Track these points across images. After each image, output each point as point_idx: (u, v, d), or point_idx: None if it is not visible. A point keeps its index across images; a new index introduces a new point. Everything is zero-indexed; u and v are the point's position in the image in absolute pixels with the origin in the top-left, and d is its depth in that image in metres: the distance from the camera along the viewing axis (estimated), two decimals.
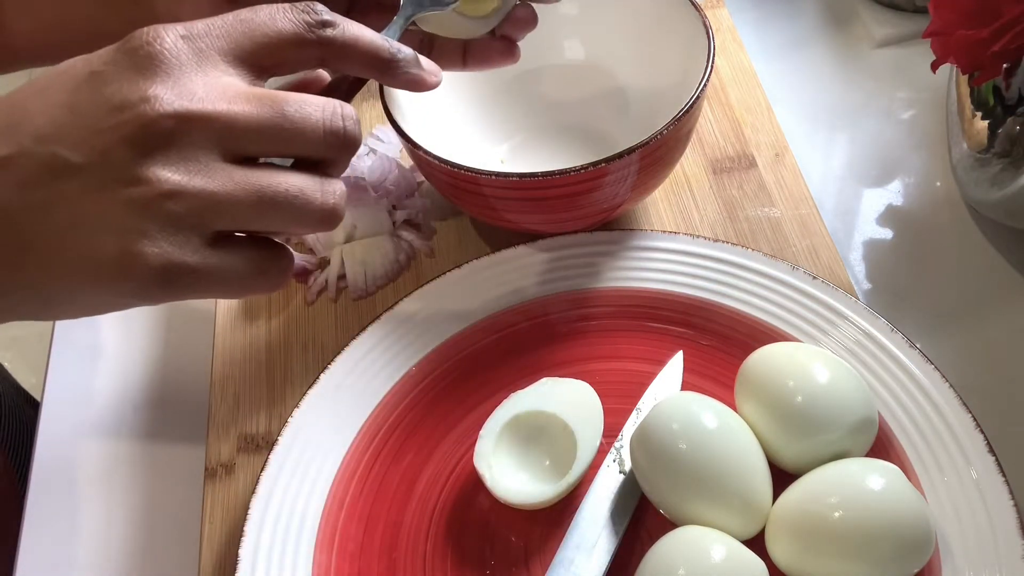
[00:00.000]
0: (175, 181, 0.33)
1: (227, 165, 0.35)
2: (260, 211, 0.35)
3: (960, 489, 0.45)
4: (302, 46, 0.37)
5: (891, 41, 0.71)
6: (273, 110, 0.35)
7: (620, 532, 0.47)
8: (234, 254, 0.36)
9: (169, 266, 0.34)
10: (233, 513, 0.52)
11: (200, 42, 0.35)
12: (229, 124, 0.34)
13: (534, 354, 0.54)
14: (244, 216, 0.35)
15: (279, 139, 0.35)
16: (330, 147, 0.37)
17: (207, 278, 0.35)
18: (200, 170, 0.34)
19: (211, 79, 0.35)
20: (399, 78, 0.41)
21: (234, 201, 0.35)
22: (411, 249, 0.61)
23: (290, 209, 0.36)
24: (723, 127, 0.65)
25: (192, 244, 0.34)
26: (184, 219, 0.34)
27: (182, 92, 0.34)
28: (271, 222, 0.36)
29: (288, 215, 0.36)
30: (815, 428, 0.45)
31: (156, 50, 0.34)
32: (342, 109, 0.37)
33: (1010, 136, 0.55)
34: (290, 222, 0.36)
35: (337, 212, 0.37)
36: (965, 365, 0.54)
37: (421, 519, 0.50)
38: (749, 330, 0.53)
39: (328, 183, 0.37)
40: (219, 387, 0.57)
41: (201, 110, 0.34)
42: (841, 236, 0.61)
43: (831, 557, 0.42)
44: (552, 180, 0.50)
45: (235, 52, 0.36)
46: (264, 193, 0.35)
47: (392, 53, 0.40)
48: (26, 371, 0.90)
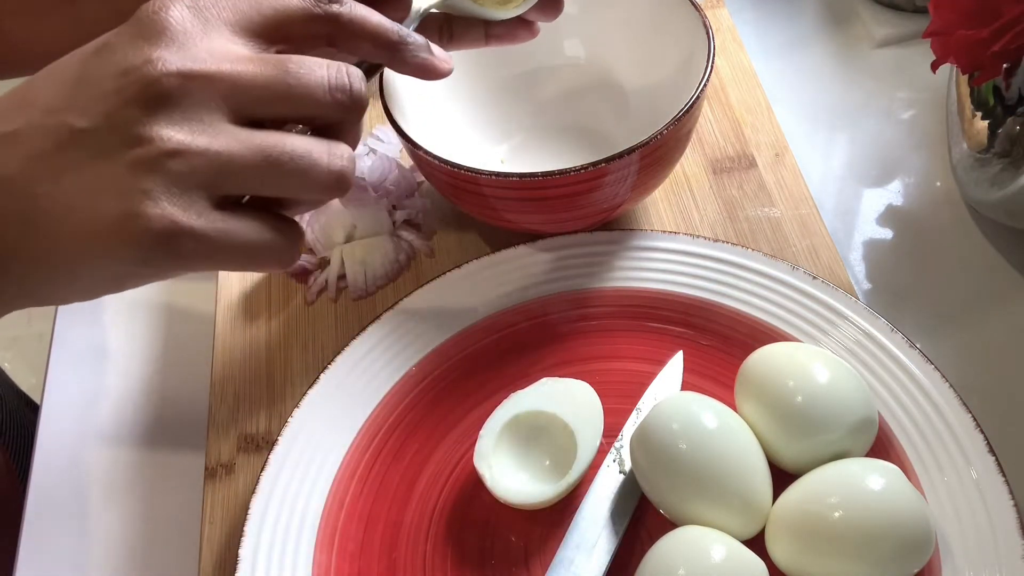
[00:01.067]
0: (178, 140, 0.33)
1: (232, 126, 0.35)
2: (266, 173, 0.35)
3: (960, 489, 0.45)
4: (309, 21, 0.37)
5: (891, 41, 0.71)
6: (277, 69, 0.35)
7: (620, 532, 0.47)
8: (242, 221, 0.35)
9: (173, 228, 0.33)
10: (233, 513, 0.52)
11: (206, 12, 0.35)
12: (233, 83, 0.34)
13: (534, 354, 0.54)
14: (250, 178, 0.35)
15: (285, 98, 0.35)
16: (338, 105, 0.36)
17: (213, 244, 0.34)
18: (204, 130, 0.34)
19: (216, 45, 0.35)
20: (408, 63, 0.41)
21: (239, 161, 0.34)
22: (411, 249, 0.61)
23: (296, 172, 0.35)
24: (723, 127, 0.65)
25: (197, 206, 0.34)
26: (188, 178, 0.33)
27: (186, 55, 0.34)
28: (278, 185, 0.36)
29: (295, 178, 0.36)
30: (815, 428, 0.45)
31: (162, 18, 0.35)
32: (347, 68, 0.37)
33: (1010, 136, 0.55)
34: (297, 186, 0.36)
35: (345, 176, 0.37)
36: (965, 365, 0.54)
37: (421, 519, 0.50)
38: (749, 330, 0.53)
39: (336, 146, 0.37)
40: (219, 387, 0.57)
41: (204, 69, 0.34)
42: (841, 236, 0.61)
43: (831, 557, 0.42)
44: (552, 180, 0.50)
45: (241, 23, 0.36)
46: (270, 153, 0.35)
47: (401, 36, 0.40)
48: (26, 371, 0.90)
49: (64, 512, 0.55)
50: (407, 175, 0.63)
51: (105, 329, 0.62)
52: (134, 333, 0.62)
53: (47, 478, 0.56)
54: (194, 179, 0.34)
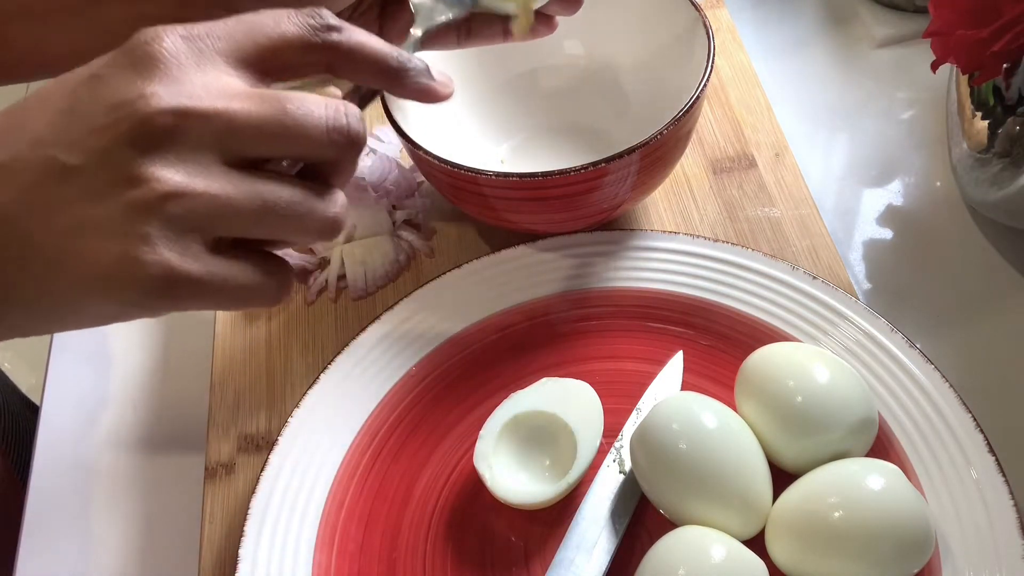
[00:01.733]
0: (175, 182, 0.32)
1: (227, 169, 0.34)
2: (262, 218, 0.34)
3: (960, 489, 0.45)
4: (307, 50, 0.36)
5: (891, 41, 0.71)
6: (274, 107, 0.34)
7: (620, 532, 0.47)
8: (235, 264, 0.35)
9: (170, 274, 0.33)
10: (233, 513, 0.52)
11: (201, 43, 0.35)
12: (228, 122, 0.33)
13: (534, 354, 0.54)
14: (246, 222, 0.34)
15: (281, 138, 0.34)
16: (334, 145, 0.36)
17: (208, 288, 0.34)
18: (200, 172, 0.33)
19: (211, 79, 0.34)
20: (408, 87, 0.40)
21: (236, 206, 0.34)
22: (411, 249, 0.61)
23: (292, 217, 0.35)
24: (723, 127, 0.65)
25: (193, 251, 0.33)
26: (185, 222, 0.33)
27: (180, 90, 0.33)
28: (272, 230, 0.35)
29: (290, 224, 0.35)
30: (815, 428, 0.45)
31: (155, 50, 0.34)
32: (345, 107, 0.36)
33: (1010, 136, 0.55)
34: (291, 231, 0.36)
35: (338, 223, 0.37)
36: (965, 365, 0.54)
37: (421, 519, 0.50)
38: (749, 330, 0.53)
39: (330, 192, 0.37)
40: (219, 387, 0.57)
41: (199, 107, 0.33)
42: (841, 236, 0.61)
43: (831, 557, 0.42)
44: (552, 180, 0.50)
45: (237, 54, 0.35)
46: (266, 200, 0.34)
47: (401, 62, 0.39)
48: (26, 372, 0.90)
49: (64, 512, 0.55)
50: (407, 175, 0.63)
51: (105, 330, 0.62)
52: (134, 333, 0.62)
53: (47, 478, 0.56)
54: (191, 222, 0.33)
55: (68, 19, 0.46)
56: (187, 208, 0.33)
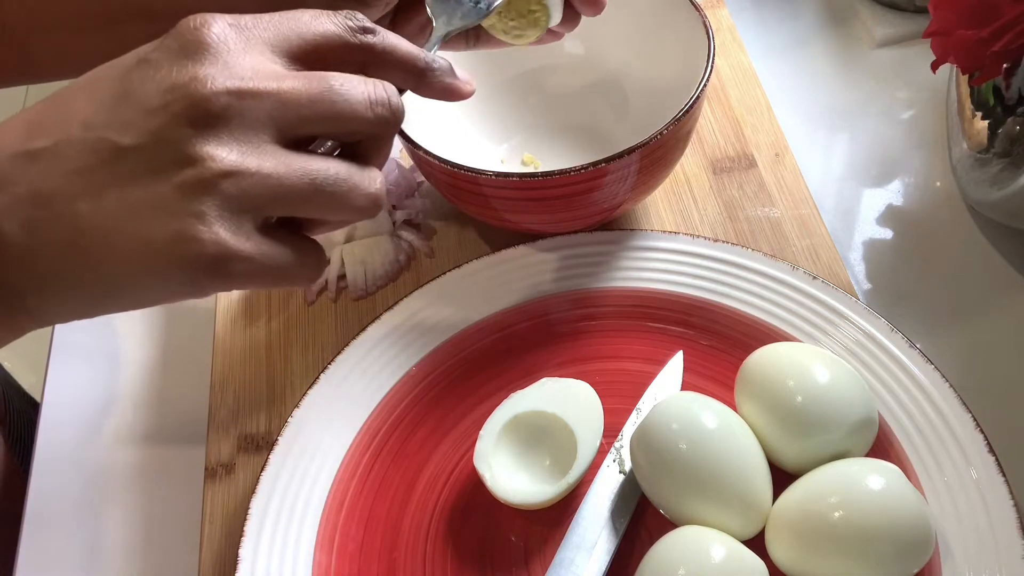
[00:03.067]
0: (231, 160, 0.33)
1: (279, 148, 0.35)
2: (311, 197, 0.35)
3: (960, 489, 0.45)
4: (344, 49, 0.38)
5: (891, 41, 0.71)
6: (321, 85, 0.35)
7: (620, 532, 0.47)
8: (279, 244, 0.35)
9: (225, 251, 0.33)
10: (233, 513, 0.52)
11: (247, 32, 0.36)
12: (280, 101, 0.34)
13: (534, 354, 0.54)
14: (296, 201, 0.35)
15: (330, 115, 0.35)
16: (378, 120, 0.37)
17: (257, 266, 0.34)
18: (253, 151, 0.34)
19: (258, 62, 0.35)
20: (434, 86, 0.41)
21: (287, 185, 0.34)
22: (411, 249, 0.61)
23: (338, 195, 0.36)
24: (723, 127, 0.65)
25: (245, 229, 0.34)
26: (239, 201, 0.33)
27: (232, 73, 0.34)
28: (320, 208, 0.36)
29: (336, 202, 0.36)
30: (815, 428, 0.45)
31: (204, 35, 0.34)
32: (384, 84, 0.37)
33: (1010, 136, 0.55)
34: (337, 209, 0.36)
35: (380, 199, 0.37)
36: (965, 365, 0.54)
37: (421, 519, 0.50)
38: (749, 330, 0.53)
39: (370, 170, 0.38)
40: (219, 387, 0.57)
41: (252, 87, 0.34)
42: (841, 236, 0.61)
43: (831, 557, 0.42)
44: (552, 180, 0.50)
45: (280, 45, 0.36)
46: (315, 178, 0.35)
47: (427, 63, 0.41)
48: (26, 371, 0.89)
49: (64, 512, 0.55)
50: (407, 175, 0.63)
51: (105, 329, 0.62)
52: (134, 333, 0.62)
53: (47, 478, 0.56)
54: (245, 201, 0.33)
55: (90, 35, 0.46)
56: (242, 187, 0.33)
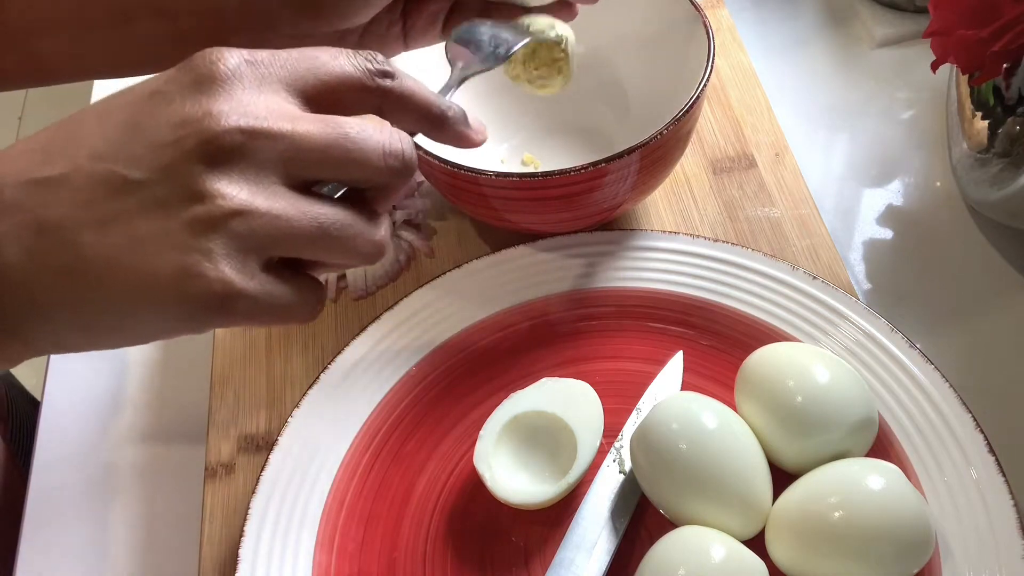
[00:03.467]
0: (241, 199, 0.33)
1: (287, 190, 0.34)
2: (316, 241, 0.35)
3: (960, 489, 0.45)
4: (362, 91, 0.37)
5: (891, 41, 0.71)
6: (336, 131, 0.35)
7: (620, 532, 0.47)
8: (282, 282, 0.35)
9: (230, 290, 0.33)
10: (233, 513, 0.52)
11: (263, 68, 0.35)
12: (293, 143, 0.34)
13: (534, 354, 0.54)
14: (301, 244, 0.35)
15: (341, 161, 0.35)
16: (389, 171, 0.36)
17: (260, 306, 0.34)
18: (262, 191, 0.33)
19: (272, 101, 0.34)
20: (447, 133, 0.41)
21: (294, 227, 0.34)
22: (411, 249, 0.61)
23: (343, 240, 0.35)
24: (723, 127, 0.65)
25: (250, 268, 0.33)
26: (247, 240, 0.33)
27: (246, 111, 0.33)
28: (323, 252, 0.36)
29: (340, 247, 0.36)
30: (815, 428, 0.45)
31: (219, 70, 0.34)
32: (399, 133, 0.37)
33: (1010, 136, 0.55)
34: (340, 254, 0.36)
35: (383, 248, 0.37)
36: (965, 365, 0.54)
37: (421, 519, 0.50)
38: (749, 330, 0.53)
39: (377, 217, 0.37)
40: (219, 387, 0.57)
41: (265, 127, 0.33)
42: (841, 236, 0.61)
43: (831, 557, 0.42)
44: (552, 180, 0.50)
45: (296, 84, 0.36)
46: (322, 223, 0.35)
47: (442, 110, 0.40)
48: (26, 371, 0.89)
49: (64, 512, 0.55)
50: None
51: None
52: None
53: (47, 478, 0.56)
54: (252, 241, 0.33)
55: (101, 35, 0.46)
56: (250, 227, 0.33)
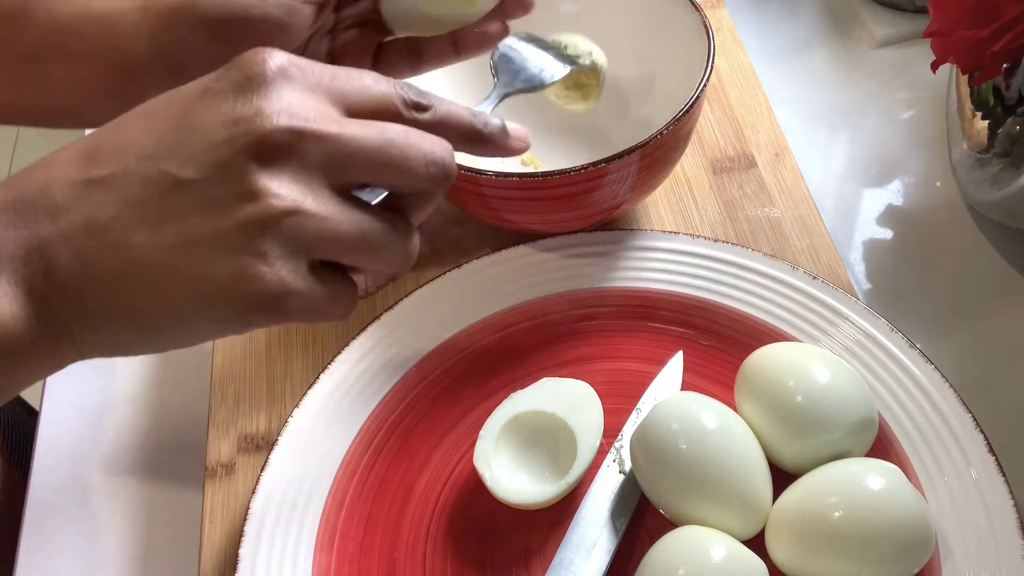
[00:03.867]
0: (292, 199, 0.33)
1: (332, 194, 0.34)
2: (357, 247, 0.35)
3: (960, 489, 0.45)
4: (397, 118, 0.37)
5: (891, 41, 0.71)
6: (382, 136, 0.35)
7: (620, 532, 0.47)
8: (323, 282, 0.35)
9: (284, 290, 0.33)
10: (233, 513, 0.52)
11: (308, 74, 0.35)
12: (340, 147, 0.34)
13: (534, 354, 0.54)
14: (343, 248, 0.35)
15: (386, 166, 0.35)
16: (431, 178, 0.36)
17: (306, 304, 0.34)
18: (311, 193, 0.33)
19: (319, 106, 0.34)
20: (487, 148, 0.41)
21: (341, 233, 0.34)
22: None
23: (380, 249, 0.36)
24: (723, 127, 0.65)
25: (301, 269, 0.34)
26: (298, 241, 0.33)
27: (295, 111, 0.33)
28: (361, 258, 0.36)
29: (376, 254, 0.36)
30: (815, 428, 0.45)
31: (268, 69, 0.34)
32: (441, 142, 0.37)
33: (1010, 136, 0.55)
34: (376, 261, 0.36)
35: (413, 258, 0.37)
36: (965, 365, 0.54)
37: (421, 519, 0.50)
38: (749, 330, 0.53)
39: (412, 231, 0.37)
40: (219, 387, 0.57)
41: (315, 129, 0.33)
42: (841, 236, 0.61)
43: (831, 557, 0.42)
44: (552, 180, 0.50)
45: (336, 95, 0.35)
46: (364, 229, 0.35)
47: (479, 128, 0.40)
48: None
49: (64, 512, 0.55)
50: None
51: None
52: None
53: (47, 478, 0.56)
54: (303, 242, 0.33)
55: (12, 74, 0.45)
56: (301, 227, 0.33)
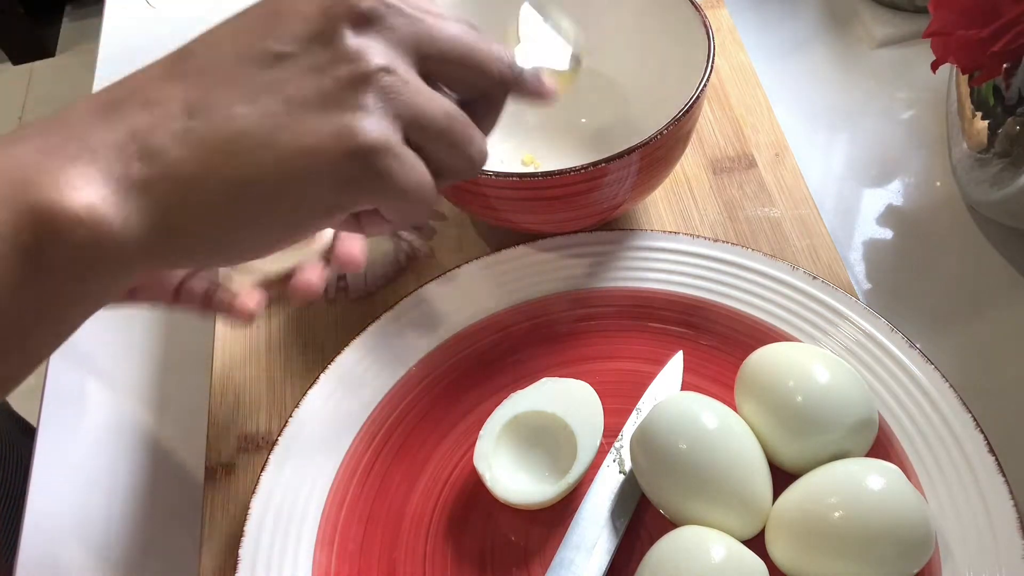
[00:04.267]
0: (389, 59, 0.33)
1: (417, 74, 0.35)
2: (442, 132, 0.35)
3: (960, 489, 0.45)
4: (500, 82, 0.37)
5: (891, 41, 0.71)
6: (466, 29, 0.36)
7: (620, 532, 0.47)
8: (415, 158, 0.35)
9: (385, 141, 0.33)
10: (233, 513, 0.52)
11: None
12: (428, 27, 0.35)
13: (534, 354, 0.54)
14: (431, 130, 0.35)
15: (465, 56, 0.36)
16: (501, 78, 0.37)
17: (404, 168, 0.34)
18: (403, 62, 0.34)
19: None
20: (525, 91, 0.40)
21: (429, 110, 0.34)
22: (411, 249, 0.61)
23: (463, 139, 0.36)
24: (723, 127, 0.65)
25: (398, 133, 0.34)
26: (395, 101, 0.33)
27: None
28: (443, 146, 0.35)
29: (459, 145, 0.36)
30: (815, 428, 0.45)
31: None
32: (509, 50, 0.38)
33: (1010, 136, 0.55)
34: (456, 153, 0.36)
35: (485, 159, 0.37)
36: (965, 365, 0.54)
37: (421, 519, 0.50)
38: (749, 330, 0.53)
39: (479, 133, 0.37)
40: (219, 387, 0.57)
41: (405, 6, 0.34)
42: (841, 236, 0.61)
43: (831, 557, 0.42)
44: (552, 180, 0.50)
45: None
46: (450, 114, 0.35)
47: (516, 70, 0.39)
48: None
49: (64, 511, 0.55)
50: None
51: (105, 329, 0.62)
52: (134, 332, 0.62)
53: (47, 478, 0.56)
54: (398, 104, 0.34)
55: None
56: (396, 88, 0.33)
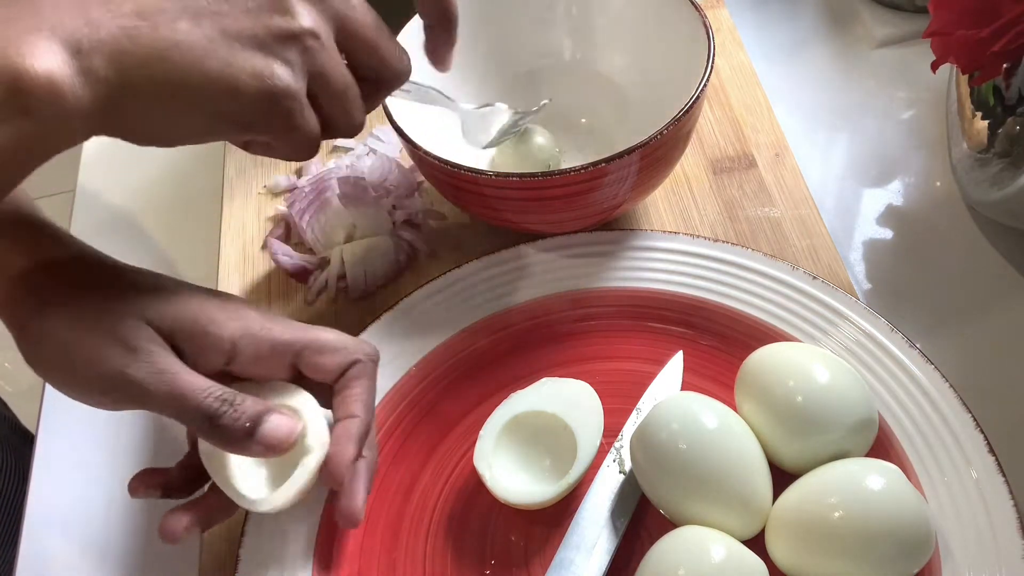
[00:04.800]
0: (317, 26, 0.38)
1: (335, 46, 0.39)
2: (338, 96, 0.39)
3: (960, 489, 0.45)
4: None
5: (891, 41, 0.71)
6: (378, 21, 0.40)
7: (620, 532, 0.47)
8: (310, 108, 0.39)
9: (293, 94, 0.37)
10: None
11: None
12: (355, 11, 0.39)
13: (534, 354, 0.54)
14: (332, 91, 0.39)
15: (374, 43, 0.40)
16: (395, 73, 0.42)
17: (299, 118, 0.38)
18: (326, 32, 0.38)
19: None
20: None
21: (336, 75, 0.39)
22: (411, 249, 0.61)
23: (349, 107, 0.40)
24: (723, 127, 0.65)
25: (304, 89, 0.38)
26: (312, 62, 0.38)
27: None
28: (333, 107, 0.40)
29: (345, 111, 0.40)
30: (815, 428, 0.45)
31: None
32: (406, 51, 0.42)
33: (1010, 136, 0.55)
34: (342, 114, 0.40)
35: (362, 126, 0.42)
36: (965, 365, 0.54)
37: (421, 519, 0.50)
38: (749, 330, 0.53)
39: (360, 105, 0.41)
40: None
41: None
42: (841, 236, 0.61)
43: (831, 557, 0.42)
44: (552, 180, 0.50)
45: None
46: (349, 84, 0.40)
47: None
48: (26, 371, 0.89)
49: (64, 511, 0.55)
50: (407, 175, 0.63)
51: None
52: None
53: (47, 478, 0.56)
54: (314, 65, 0.38)
55: None
56: (316, 52, 0.38)
